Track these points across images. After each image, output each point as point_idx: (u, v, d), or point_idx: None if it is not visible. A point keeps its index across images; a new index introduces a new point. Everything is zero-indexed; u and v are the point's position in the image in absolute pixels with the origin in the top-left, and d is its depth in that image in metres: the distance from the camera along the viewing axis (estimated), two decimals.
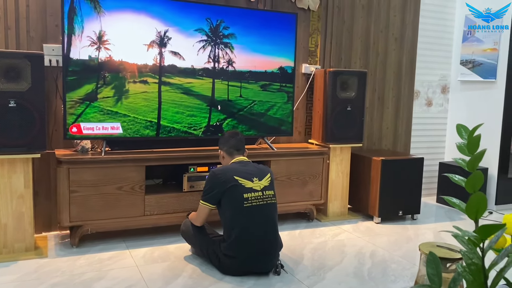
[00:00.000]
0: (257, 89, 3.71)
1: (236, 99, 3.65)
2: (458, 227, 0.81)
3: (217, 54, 3.53)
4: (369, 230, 3.78)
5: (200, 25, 3.44)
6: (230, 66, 3.60)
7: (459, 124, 0.91)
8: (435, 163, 4.85)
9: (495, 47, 4.43)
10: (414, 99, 4.78)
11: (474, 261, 0.74)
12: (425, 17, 4.70)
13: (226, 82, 3.59)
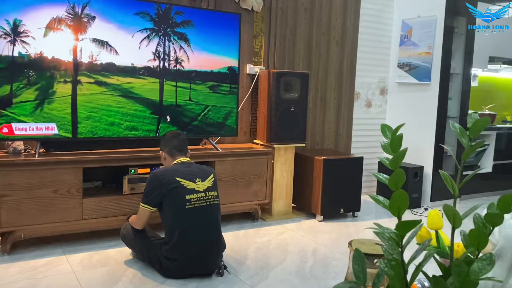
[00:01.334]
0: (206, 91, 3.68)
1: (185, 104, 3.59)
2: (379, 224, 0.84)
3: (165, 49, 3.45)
4: (312, 228, 3.85)
5: (144, 10, 3.35)
6: (178, 65, 3.53)
7: (383, 124, 0.94)
8: (375, 162, 5.04)
9: (430, 51, 4.66)
10: (355, 100, 4.94)
11: (395, 256, 0.76)
12: (365, 21, 4.87)
13: (173, 82, 3.52)
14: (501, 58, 5.53)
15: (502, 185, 5.51)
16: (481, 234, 0.81)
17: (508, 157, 5.51)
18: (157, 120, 3.47)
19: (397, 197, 0.85)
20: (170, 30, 3.46)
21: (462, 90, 4.86)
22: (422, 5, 4.75)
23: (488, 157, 5.36)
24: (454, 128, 0.88)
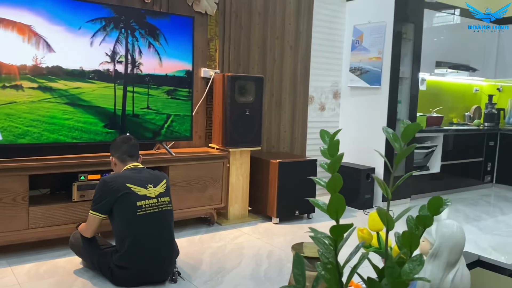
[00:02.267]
0: (163, 96, 3.62)
1: (144, 114, 3.52)
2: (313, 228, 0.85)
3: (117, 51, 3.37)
4: (267, 231, 3.87)
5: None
6: (131, 69, 3.45)
7: (322, 130, 0.96)
8: None
9: (380, 56, 4.81)
10: (309, 104, 5.02)
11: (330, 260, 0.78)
12: (318, 26, 4.96)
13: (130, 88, 3.44)
14: (447, 63, 5.79)
15: (450, 185, 5.76)
16: (413, 236, 0.84)
17: (455, 157, 5.77)
18: (113, 135, 3.34)
19: (334, 201, 0.87)
20: (122, 33, 3.39)
21: (411, 94, 5.04)
22: (372, 11, 4.90)
23: (436, 158, 5.59)
24: (387, 133, 0.91)
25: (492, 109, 6.35)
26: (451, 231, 1.21)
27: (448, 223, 1.23)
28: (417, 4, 4.93)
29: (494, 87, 6.73)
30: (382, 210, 0.85)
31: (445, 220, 1.24)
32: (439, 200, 0.82)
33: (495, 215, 4.80)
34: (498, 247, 3.74)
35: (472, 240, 3.90)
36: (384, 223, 0.85)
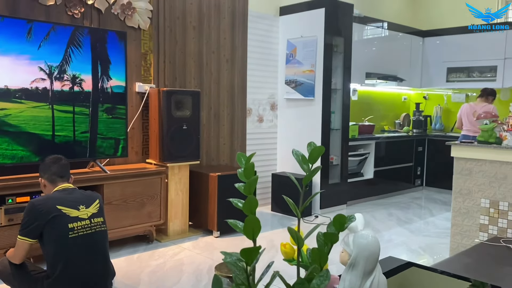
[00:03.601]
0: (103, 117, 3.53)
1: (90, 143, 3.42)
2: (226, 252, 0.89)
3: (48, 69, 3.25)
4: (208, 245, 3.87)
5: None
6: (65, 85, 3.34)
7: (239, 153, 1.00)
8: (269, 175, 5.23)
9: (312, 69, 4.99)
10: (247, 116, 5.09)
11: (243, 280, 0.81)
12: (253, 40, 5.06)
13: (70, 107, 3.32)
14: (376, 74, 6.11)
15: (383, 189, 6.05)
16: (322, 253, 0.89)
17: (387, 163, 6.08)
18: (43, 156, 3.23)
19: (249, 222, 0.91)
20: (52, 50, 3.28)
21: (343, 104, 5.26)
22: (304, 26, 5.07)
23: (369, 164, 5.85)
24: (296, 156, 0.96)
25: (420, 116, 6.76)
26: (367, 242, 1.29)
27: (364, 234, 1.31)
28: (346, 19, 5.17)
29: (421, 96, 7.17)
30: (292, 229, 0.91)
31: (362, 231, 1.32)
32: (342, 218, 0.89)
33: (425, 217, 5.09)
34: (427, 248, 3.98)
35: (404, 242, 4.12)
36: (295, 241, 0.90)
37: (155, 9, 4.18)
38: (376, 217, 5.03)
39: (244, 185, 0.96)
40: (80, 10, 3.70)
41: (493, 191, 2.94)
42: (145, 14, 4.10)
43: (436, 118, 6.95)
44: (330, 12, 4.95)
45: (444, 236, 4.14)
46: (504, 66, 5.98)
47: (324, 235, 0.90)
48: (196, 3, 4.49)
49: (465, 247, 2.91)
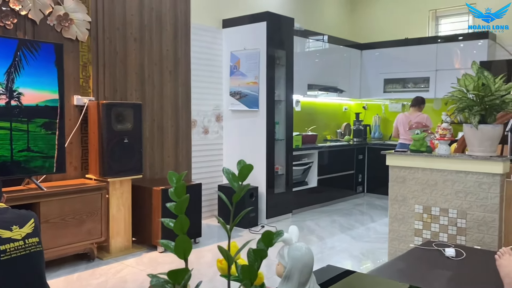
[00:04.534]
0: (38, 131, 3.38)
1: (26, 159, 3.24)
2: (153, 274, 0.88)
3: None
4: (152, 261, 3.80)
5: None
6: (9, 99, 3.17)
7: (171, 172, 1.00)
8: (215, 186, 5.22)
9: (256, 80, 5.06)
10: (192, 127, 5.07)
11: None
12: (196, 52, 5.06)
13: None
14: (317, 85, 6.29)
15: (327, 197, 6.21)
16: (252, 269, 0.91)
17: (330, 171, 6.25)
18: None
19: (180, 242, 0.91)
20: None
21: (287, 115, 5.37)
22: (247, 38, 5.15)
23: (313, 173, 6.00)
24: (227, 174, 0.98)
25: (360, 126, 7.03)
26: (300, 253, 1.33)
27: (298, 246, 1.35)
28: (287, 32, 5.30)
29: (360, 106, 7.46)
30: (222, 248, 0.92)
31: (296, 243, 1.36)
32: (270, 234, 0.91)
33: (366, 223, 5.28)
34: (368, 253, 4.12)
35: (346, 249, 4.25)
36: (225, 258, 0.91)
37: (94, 21, 4.08)
38: (320, 224, 5.15)
39: (175, 204, 0.96)
40: (13, 21, 3.55)
41: (426, 197, 3.11)
42: (83, 26, 3.99)
43: (375, 127, 7.25)
44: (271, 26, 5.05)
45: (383, 241, 4.30)
46: (436, 77, 6.36)
47: (253, 251, 0.92)
48: (137, 14, 4.44)
49: (402, 251, 3.05)
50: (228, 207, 0.96)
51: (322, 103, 6.95)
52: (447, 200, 3.00)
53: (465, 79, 2.83)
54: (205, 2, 5.19)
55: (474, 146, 2.88)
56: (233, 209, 0.97)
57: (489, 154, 2.85)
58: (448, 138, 3.04)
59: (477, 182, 2.87)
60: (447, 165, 2.98)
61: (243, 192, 0.96)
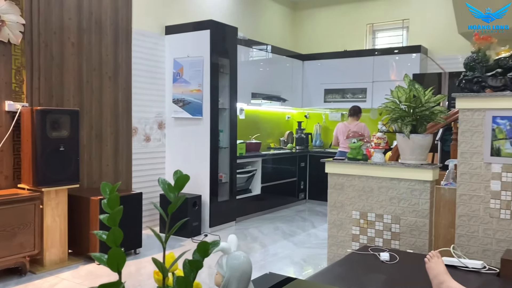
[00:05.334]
0: None
1: None
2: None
3: None
4: (90, 273, 3.65)
5: None
6: None
7: (104, 183, 0.98)
8: (157, 195, 5.12)
9: (199, 88, 5.05)
10: (133, 135, 4.95)
11: None
12: (138, 58, 4.97)
13: None
14: (261, 94, 6.37)
15: (270, 204, 6.28)
16: (187, 281, 0.91)
17: (273, 179, 6.33)
18: None
19: (113, 254, 0.89)
20: None
21: (231, 123, 5.39)
22: (190, 45, 5.12)
23: (257, 181, 6.05)
24: (163, 185, 0.97)
25: (302, 134, 7.19)
26: (239, 262, 1.34)
27: (236, 255, 1.36)
28: (231, 41, 5.34)
29: (302, 115, 7.64)
30: (155, 259, 0.91)
31: (235, 252, 1.37)
32: (206, 244, 0.92)
33: (307, 229, 5.39)
34: (309, 259, 4.21)
35: (288, 255, 4.31)
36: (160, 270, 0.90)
37: (28, 23, 3.90)
38: (263, 231, 5.19)
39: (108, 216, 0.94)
40: None
41: (362, 204, 3.23)
42: (17, 28, 3.80)
43: (316, 136, 7.45)
44: (215, 34, 5.07)
45: (324, 247, 4.40)
46: (372, 88, 6.65)
47: (189, 263, 0.92)
48: (75, 18, 4.29)
49: (340, 256, 3.14)
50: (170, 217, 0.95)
51: (265, 111, 7.05)
52: (382, 206, 3.14)
53: (397, 91, 2.99)
54: (147, 8, 5.11)
55: (406, 154, 3.04)
56: (169, 220, 0.97)
57: (420, 162, 3.02)
58: (383, 146, 3.18)
59: (409, 189, 3.02)
60: (381, 172, 3.12)
61: (179, 203, 0.96)
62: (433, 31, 6.55)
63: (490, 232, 2.71)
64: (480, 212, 2.74)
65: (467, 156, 2.76)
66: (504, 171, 2.64)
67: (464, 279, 2.15)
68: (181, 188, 0.97)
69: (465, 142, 2.76)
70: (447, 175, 3.15)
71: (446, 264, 2.14)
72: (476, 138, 2.72)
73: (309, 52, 7.41)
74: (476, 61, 2.74)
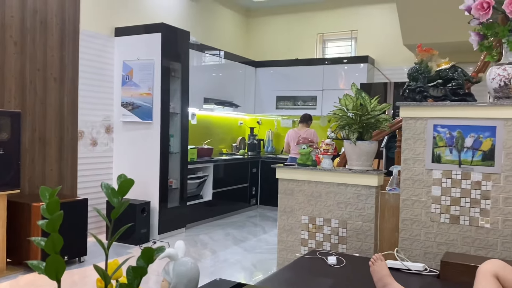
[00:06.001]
0: None
1: None
2: None
3: None
4: (31, 283, 3.48)
5: None
6: None
7: (43, 187, 0.93)
8: (104, 202, 4.96)
9: (150, 92, 4.95)
10: (79, 139, 4.78)
11: None
12: (85, 60, 4.81)
13: None
14: (214, 99, 6.36)
15: (222, 210, 6.26)
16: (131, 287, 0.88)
17: (225, 184, 6.32)
18: None
19: (52, 262, 0.85)
20: None
21: (182, 128, 5.32)
22: (141, 48, 5.03)
23: (208, 186, 6.01)
24: (106, 189, 0.94)
25: (254, 140, 7.23)
26: (186, 269, 1.32)
27: (183, 261, 1.34)
28: (183, 45, 5.29)
29: (255, 121, 7.69)
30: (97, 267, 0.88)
31: (182, 258, 1.35)
32: (150, 250, 0.90)
33: (258, 235, 5.41)
34: (259, 264, 4.22)
35: (238, 261, 4.30)
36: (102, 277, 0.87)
37: None
38: (213, 238, 5.16)
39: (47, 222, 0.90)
40: None
41: (311, 208, 3.29)
42: None
43: (268, 142, 7.52)
44: (166, 37, 5.00)
45: (274, 252, 4.44)
46: (322, 96, 6.81)
47: (133, 269, 0.90)
48: (18, 16, 4.10)
49: (289, 261, 3.17)
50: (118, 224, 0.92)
51: (218, 117, 7.03)
52: (330, 210, 3.21)
53: (345, 99, 3.08)
54: (96, 8, 4.97)
55: (353, 160, 3.13)
56: (112, 226, 0.94)
57: (366, 168, 3.11)
58: (331, 153, 3.26)
59: (356, 194, 3.11)
60: (330, 178, 3.19)
61: (122, 208, 0.93)
62: (380, 42, 6.81)
63: (431, 236, 2.83)
64: (422, 217, 2.86)
65: (409, 162, 2.88)
66: (444, 177, 2.78)
67: (406, 282, 2.23)
68: (125, 193, 0.94)
69: (408, 149, 2.88)
70: (391, 181, 3.27)
71: (389, 267, 2.22)
72: (418, 146, 2.85)
73: (261, 59, 7.48)
74: (419, 72, 2.87)
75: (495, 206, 2.60)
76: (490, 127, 2.59)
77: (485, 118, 2.61)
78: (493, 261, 1.89)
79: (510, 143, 2.55)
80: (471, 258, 2.49)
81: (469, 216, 2.68)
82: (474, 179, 2.66)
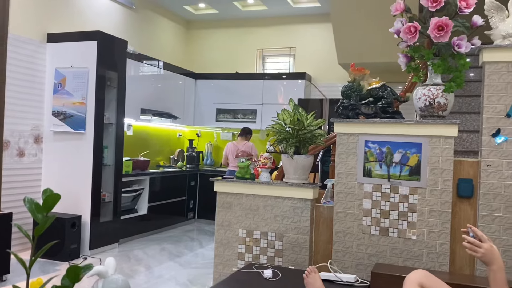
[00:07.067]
0: None
1: None
2: None
3: None
4: None
5: None
6: None
7: None
8: (30, 215, 4.65)
9: (83, 101, 4.76)
10: (4, 149, 4.48)
11: None
12: (13, 66, 4.54)
13: None
14: (151, 110, 6.23)
15: (157, 224, 6.10)
16: None
17: (161, 198, 6.18)
18: None
19: None
20: None
21: (117, 139, 5.16)
22: (75, 55, 4.84)
23: (144, 200, 5.85)
24: (29, 205, 0.89)
25: (193, 152, 7.15)
26: (116, 286, 1.27)
27: (114, 278, 1.29)
28: (119, 54, 5.15)
29: (194, 133, 7.63)
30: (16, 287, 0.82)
31: (112, 275, 1.29)
32: (77, 269, 0.85)
33: (195, 249, 5.33)
34: (194, 280, 4.15)
35: (173, 276, 4.20)
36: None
37: None
38: (148, 253, 5.01)
39: None
40: None
41: (249, 222, 3.29)
42: None
43: (207, 154, 7.47)
44: (102, 46, 4.85)
45: (210, 267, 4.38)
46: (262, 110, 6.91)
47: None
48: None
49: (226, 275, 3.15)
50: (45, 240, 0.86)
51: (156, 128, 6.89)
52: (267, 223, 3.23)
53: (283, 114, 3.14)
54: (27, 12, 4.73)
55: (290, 174, 3.19)
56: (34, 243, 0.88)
57: (302, 181, 3.18)
58: (269, 166, 3.30)
59: (292, 207, 3.16)
60: (267, 191, 3.22)
61: (47, 224, 0.88)
62: (317, 60, 7.05)
63: (363, 247, 2.94)
64: (354, 229, 2.96)
65: (343, 176, 2.98)
66: (374, 191, 2.90)
67: None
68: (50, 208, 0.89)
69: (341, 164, 2.99)
70: (326, 194, 3.37)
71: (323, 279, 2.27)
72: (351, 160, 2.96)
73: (202, 71, 7.47)
74: (352, 90, 2.99)
75: (421, 218, 2.76)
76: (416, 144, 2.75)
77: (411, 135, 2.77)
78: (418, 271, 2.00)
79: (434, 159, 2.72)
80: (399, 268, 2.61)
81: (397, 228, 2.82)
82: (402, 193, 2.80)
